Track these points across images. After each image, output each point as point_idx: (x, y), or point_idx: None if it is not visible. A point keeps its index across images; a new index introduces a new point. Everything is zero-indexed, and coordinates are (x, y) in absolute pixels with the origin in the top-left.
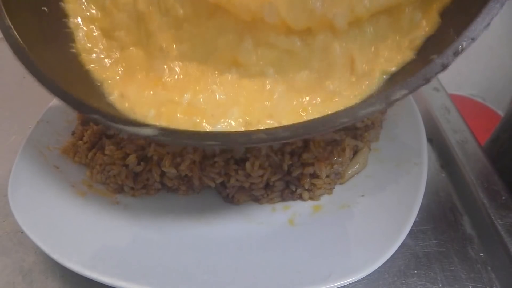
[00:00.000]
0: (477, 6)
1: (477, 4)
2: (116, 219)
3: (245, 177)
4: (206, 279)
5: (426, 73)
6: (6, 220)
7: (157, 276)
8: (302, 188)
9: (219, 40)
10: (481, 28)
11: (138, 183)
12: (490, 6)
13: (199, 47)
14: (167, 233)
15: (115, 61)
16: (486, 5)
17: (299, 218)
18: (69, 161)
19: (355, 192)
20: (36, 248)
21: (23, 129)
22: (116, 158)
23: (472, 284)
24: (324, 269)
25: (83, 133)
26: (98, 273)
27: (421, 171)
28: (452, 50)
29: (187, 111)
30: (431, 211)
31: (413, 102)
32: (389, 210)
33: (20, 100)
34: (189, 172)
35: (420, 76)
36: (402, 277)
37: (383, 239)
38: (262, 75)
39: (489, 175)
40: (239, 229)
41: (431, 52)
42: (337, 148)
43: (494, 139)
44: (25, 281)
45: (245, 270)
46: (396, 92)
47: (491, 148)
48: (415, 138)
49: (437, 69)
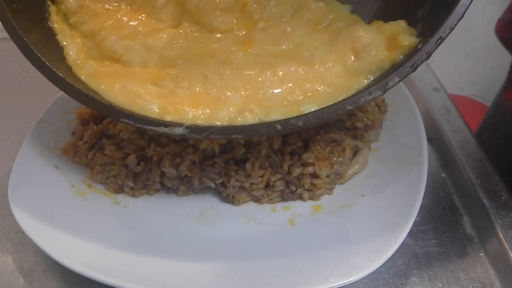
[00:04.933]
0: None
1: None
2: (115, 219)
3: (245, 177)
4: (206, 279)
5: (413, 62)
6: (6, 220)
7: (157, 276)
8: (302, 188)
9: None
10: (457, 18)
11: (138, 183)
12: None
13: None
14: (166, 233)
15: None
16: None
17: (299, 218)
18: (69, 161)
19: (355, 192)
20: (36, 248)
21: (23, 129)
22: (116, 158)
23: (472, 284)
24: (324, 269)
25: (83, 133)
26: (98, 273)
27: (421, 171)
28: (435, 40)
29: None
30: (431, 211)
31: (413, 102)
32: (389, 210)
33: (20, 100)
34: (189, 173)
35: (409, 65)
36: (402, 277)
37: (383, 239)
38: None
39: (489, 175)
40: (239, 229)
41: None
42: (337, 148)
43: (476, 136)
44: (25, 281)
45: (245, 270)
46: (390, 80)
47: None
48: (415, 138)
49: (422, 57)
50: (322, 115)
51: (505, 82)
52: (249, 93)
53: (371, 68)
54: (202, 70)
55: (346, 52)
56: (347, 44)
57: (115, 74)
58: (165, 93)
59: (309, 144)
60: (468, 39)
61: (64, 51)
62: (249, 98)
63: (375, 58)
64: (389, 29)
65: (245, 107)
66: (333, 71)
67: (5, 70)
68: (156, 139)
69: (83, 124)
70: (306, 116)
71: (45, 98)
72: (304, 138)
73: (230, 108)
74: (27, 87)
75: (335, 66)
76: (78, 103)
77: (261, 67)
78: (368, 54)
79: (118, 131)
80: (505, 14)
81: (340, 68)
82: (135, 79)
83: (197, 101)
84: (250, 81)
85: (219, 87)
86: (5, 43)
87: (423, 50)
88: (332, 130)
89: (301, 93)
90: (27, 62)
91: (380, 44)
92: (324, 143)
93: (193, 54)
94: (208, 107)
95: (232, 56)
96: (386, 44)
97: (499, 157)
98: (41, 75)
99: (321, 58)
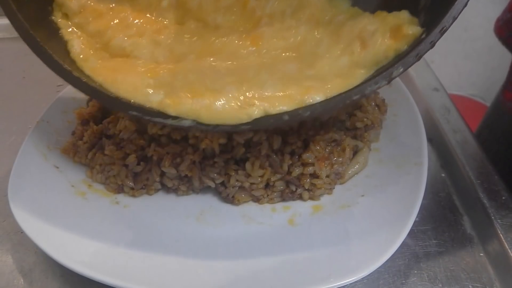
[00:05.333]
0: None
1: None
2: (116, 219)
3: (245, 177)
4: (206, 279)
5: (417, 52)
6: (6, 220)
7: (157, 276)
8: (302, 188)
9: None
10: (461, 8)
11: (138, 183)
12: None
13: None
14: (166, 233)
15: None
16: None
17: (299, 218)
18: (69, 161)
19: (355, 192)
20: (36, 248)
21: (23, 129)
22: (116, 158)
23: (472, 284)
24: (324, 269)
25: (83, 133)
26: (98, 273)
27: (421, 171)
28: (439, 29)
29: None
30: (431, 211)
31: (413, 102)
32: (389, 210)
33: (20, 100)
34: (189, 172)
35: (413, 55)
36: (402, 277)
37: (383, 239)
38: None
39: (489, 175)
40: (239, 229)
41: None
42: (337, 148)
43: (476, 136)
44: (25, 281)
45: (245, 270)
46: (394, 70)
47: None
48: (415, 138)
49: (426, 47)
50: (328, 104)
51: (505, 82)
52: (256, 85)
53: (377, 58)
54: (210, 64)
55: (353, 42)
56: (353, 34)
57: (120, 67)
58: (171, 86)
59: (309, 144)
60: (468, 39)
61: (67, 45)
62: (256, 90)
63: (381, 47)
64: (392, 19)
65: (252, 99)
66: (340, 61)
67: (5, 70)
68: (156, 139)
69: (83, 124)
70: (314, 106)
71: (45, 98)
72: (304, 138)
73: (237, 101)
74: (27, 87)
75: (342, 56)
76: (78, 103)
77: (270, 60)
78: (375, 43)
79: (118, 131)
80: (504, 13)
81: (347, 58)
82: (140, 73)
83: (203, 94)
84: (258, 74)
85: (227, 82)
86: (5, 43)
87: (427, 40)
88: (332, 130)
89: (309, 85)
90: (27, 62)
91: (385, 34)
92: (324, 143)
93: (202, 48)
94: (215, 99)
95: (241, 51)
96: (391, 34)
97: (499, 157)
98: (41, 76)
99: (328, 49)
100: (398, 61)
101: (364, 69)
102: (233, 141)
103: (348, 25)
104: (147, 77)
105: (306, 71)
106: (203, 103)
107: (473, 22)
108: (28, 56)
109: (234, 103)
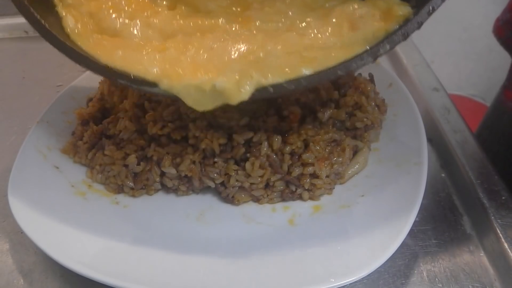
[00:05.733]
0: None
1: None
2: (115, 219)
3: (245, 177)
4: (206, 279)
5: (405, 31)
6: (6, 220)
7: (157, 276)
8: (302, 188)
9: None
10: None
11: (138, 183)
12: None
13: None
14: (166, 233)
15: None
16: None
17: (299, 218)
18: (69, 161)
19: (355, 192)
20: (36, 248)
21: (23, 129)
22: (116, 158)
23: (472, 284)
24: (324, 269)
25: (83, 133)
26: (98, 273)
27: (421, 171)
28: (426, 10)
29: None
30: (431, 211)
31: (413, 102)
32: (389, 210)
33: (20, 100)
34: (189, 172)
35: (400, 33)
36: (402, 277)
37: (383, 239)
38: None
39: (489, 175)
40: (239, 229)
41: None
42: (337, 148)
43: (476, 136)
44: (25, 281)
45: (245, 270)
46: (381, 48)
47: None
48: (415, 138)
49: (414, 26)
50: (313, 78)
51: (505, 82)
52: (248, 61)
53: (367, 39)
54: (202, 42)
55: (342, 24)
56: (342, 18)
57: (115, 43)
58: (166, 60)
59: (309, 144)
60: (468, 39)
61: (63, 21)
62: (250, 65)
63: (370, 28)
64: (383, 3)
65: (245, 74)
66: (330, 42)
67: (5, 70)
68: (156, 139)
69: (83, 124)
70: (298, 80)
71: (45, 98)
72: (304, 138)
73: (231, 74)
74: (27, 87)
75: (332, 37)
76: (78, 103)
77: (260, 38)
78: (364, 25)
79: (118, 131)
80: (503, 13)
81: (336, 39)
82: (135, 48)
83: (198, 68)
84: (249, 50)
85: (220, 56)
86: (5, 43)
87: (414, 20)
88: (332, 130)
89: (299, 60)
90: (27, 62)
91: (375, 16)
92: (324, 143)
93: (192, 29)
94: (209, 73)
95: (231, 31)
96: (381, 16)
97: (499, 157)
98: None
99: (318, 31)
100: (385, 39)
101: (355, 49)
102: (233, 141)
103: (339, 9)
104: (146, 52)
105: (297, 49)
106: (205, 77)
107: (473, 22)
108: (28, 56)
109: (233, 75)
